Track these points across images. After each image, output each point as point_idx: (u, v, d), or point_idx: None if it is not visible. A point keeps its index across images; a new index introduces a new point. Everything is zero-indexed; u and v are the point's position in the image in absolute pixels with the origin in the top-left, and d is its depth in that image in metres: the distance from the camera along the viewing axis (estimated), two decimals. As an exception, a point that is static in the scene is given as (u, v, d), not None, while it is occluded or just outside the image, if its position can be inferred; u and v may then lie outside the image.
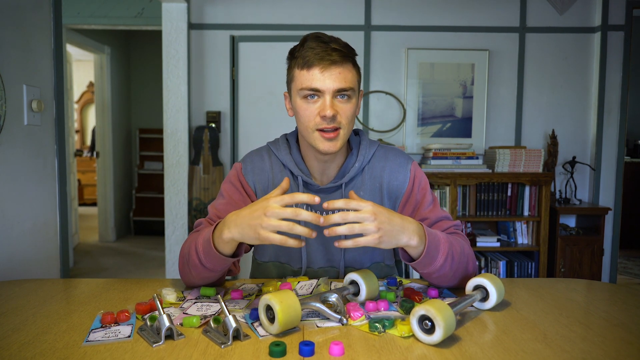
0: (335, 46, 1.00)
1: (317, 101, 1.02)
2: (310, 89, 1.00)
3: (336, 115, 1.01)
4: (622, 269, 3.85)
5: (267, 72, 3.00)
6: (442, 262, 0.94)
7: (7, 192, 1.44)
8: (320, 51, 0.99)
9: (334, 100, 1.01)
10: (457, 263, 0.98)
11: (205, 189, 2.99)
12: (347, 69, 1.02)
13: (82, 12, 3.61)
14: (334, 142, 1.03)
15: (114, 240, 4.89)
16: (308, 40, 1.02)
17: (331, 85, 0.99)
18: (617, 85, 2.99)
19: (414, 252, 0.92)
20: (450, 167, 2.80)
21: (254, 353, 0.71)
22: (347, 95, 1.02)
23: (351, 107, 1.03)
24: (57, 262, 1.69)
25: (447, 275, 0.98)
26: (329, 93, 1.00)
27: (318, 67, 0.99)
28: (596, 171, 3.02)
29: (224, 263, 0.94)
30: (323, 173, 1.13)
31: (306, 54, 1.00)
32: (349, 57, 1.03)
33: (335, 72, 1.00)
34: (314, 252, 1.13)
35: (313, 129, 1.03)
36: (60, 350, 0.72)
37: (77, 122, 7.13)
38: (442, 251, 0.94)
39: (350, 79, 1.02)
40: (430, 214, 1.11)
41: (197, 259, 0.96)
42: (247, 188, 1.14)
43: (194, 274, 0.99)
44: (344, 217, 0.84)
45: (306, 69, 1.00)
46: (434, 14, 3.01)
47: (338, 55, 1.00)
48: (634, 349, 0.74)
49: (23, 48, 1.50)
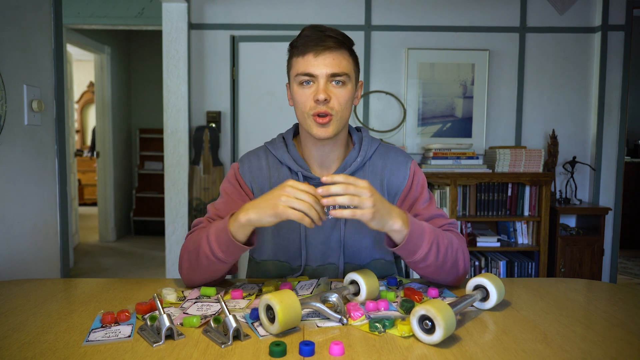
0: (330, 34, 1.03)
1: (312, 86, 1.04)
2: (305, 73, 1.03)
3: (329, 99, 1.02)
4: (622, 269, 3.85)
5: (267, 72, 3.00)
6: (426, 250, 0.96)
7: (7, 192, 1.44)
8: (315, 38, 1.02)
9: (328, 85, 1.03)
10: (444, 255, 0.99)
11: (206, 189, 2.99)
12: (342, 56, 1.04)
13: (82, 12, 3.61)
14: (326, 128, 1.04)
15: (114, 240, 4.89)
16: (305, 30, 1.05)
17: (324, 69, 1.01)
18: (617, 85, 2.99)
19: (398, 237, 0.94)
20: (451, 167, 2.80)
21: (254, 353, 0.71)
22: (342, 82, 1.04)
23: (346, 93, 1.04)
24: (57, 262, 1.69)
25: (433, 266, 0.99)
26: (323, 77, 1.02)
27: (312, 52, 1.02)
28: (596, 171, 3.02)
29: (238, 251, 0.96)
30: (322, 165, 1.14)
31: (302, 41, 1.04)
32: (344, 44, 1.05)
33: (329, 58, 1.02)
34: (313, 249, 1.14)
35: (308, 114, 1.05)
36: (60, 350, 0.72)
37: (77, 122, 7.13)
38: (427, 240, 0.96)
39: (345, 65, 1.04)
40: (424, 211, 1.12)
41: (209, 250, 0.97)
42: (244, 187, 1.16)
43: (203, 267, 1.00)
44: (344, 188, 0.87)
45: (301, 56, 1.03)
46: (434, 14, 3.01)
47: (332, 42, 1.02)
48: (634, 349, 0.74)
49: (23, 48, 1.50)
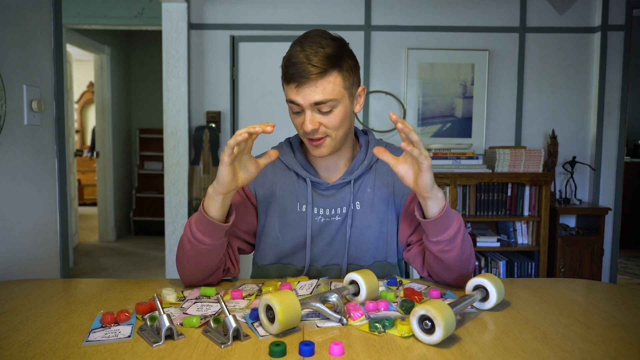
0: (315, 61, 0.97)
1: (301, 115, 1.03)
2: (291, 101, 1.02)
3: (317, 128, 1.02)
4: (622, 269, 3.85)
5: (267, 72, 3.00)
6: (455, 230, 0.98)
7: (7, 192, 1.44)
8: (299, 68, 0.98)
9: (315, 114, 1.02)
10: (467, 243, 1.01)
11: (206, 189, 2.99)
12: (327, 81, 0.99)
13: (82, 12, 3.61)
14: (321, 149, 1.06)
15: (114, 240, 4.89)
16: (294, 48, 1.01)
17: (307, 100, 1.00)
18: (617, 85, 2.99)
19: (436, 207, 0.95)
20: (450, 167, 2.80)
21: (254, 353, 0.71)
22: (328, 109, 1.01)
23: (335, 117, 1.02)
24: (57, 262, 1.69)
25: (455, 251, 0.99)
26: (308, 107, 1.01)
27: (295, 83, 1.00)
28: (596, 171, 3.02)
29: (213, 230, 0.98)
30: (329, 169, 1.15)
31: (287, 64, 1.01)
32: (330, 67, 0.99)
33: (312, 88, 0.99)
34: (318, 250, 1.14)
35: (303, 136, 1.08)
36: (60, 350, 0.72)
37: (77, 122, 7.13)
38: (457, 221, 0.99)
39: (331, 90, 0.99)
40: None
41: (190, 233, 1.00)
42: (247, 191, 1.16)
43: (188, 256, 1.01)
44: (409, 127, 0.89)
45: (286, 83, 1.02)
46: (434, 14, 3.01)
47: (316, 70, 0.97)
48: (634, 349, 0.74)
49: (23, 48, 1.50)
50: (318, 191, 1.14)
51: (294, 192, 1.14)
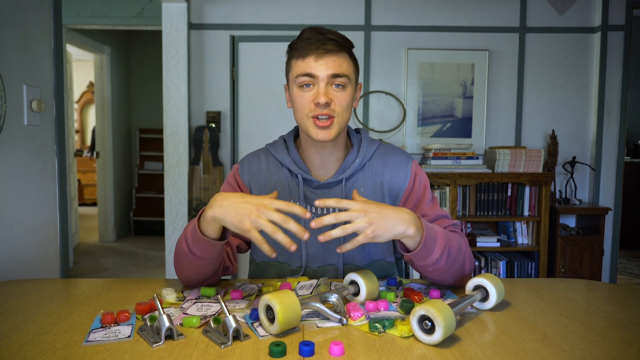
0: (331, 36, 1.03)
1: (312, 89, 1.04)
2: (305, 74, 1.02)
3: (330, 102, 1.03)
4: (622, 269, 3.85)
5: (267, 72, 3.00)
6: (438, 254, 0.95)
7: (7, 192, 1.44)
8: (316, 41, 1.02)
9: (329, 88, 1.03)
10: (454, 259, 0.99)
11: (205, 189, 2.99)
12: (343, 58, 1.04)
13: (82, 12, 3.61)
14: (327, 131, 1.04)
15: (114, 240, 4.89)
16: (305, 32, 1.05)
17: (325, 71, 1.01)
18: (617, 85, 2.99)
19: (411, 242, 0.93)
20: (450, 167, 2.80)
21: (254, 353, 0.71)
22: (342, 84, 1.04)
23: (346, 96, 1.05)
24: (57, 262, 1.69)
25: (442, 269, 0.98)
26: (324, 80, 1.02)
27: (313, 55, 1.02)
28: (596, 171, 3.02)
29: (210, 248, 0.94)
30: (322, 168, 1.14)
31: (302, 44, 1.03)
32: (344, 47, 1.05)
33: (330, 60, 1.02)
34: (313, 251, 1.14)
35: (308, 116, 1.05)
36: (60, 350, 0.72)
37: (77, 122, 7.12)
38: (439, 244, 0.95)
39: (346, 67, 1.04)
40: (429, 212, 1.12)
41: (186, 246, 0.97)
42: (242, 187, 1.17)
43: (186, 265, 1.00)
44: (336, 217, 0.86)
45: (302, 58, 1.03)
46: (434, 14, 3.01)
47: (333, 45, 1.02)
48: (634, 349, 0.74)
49: (23, 48, 1.50)
50: (310, 189, 1.14)
51: (287, 188, 1.14)
